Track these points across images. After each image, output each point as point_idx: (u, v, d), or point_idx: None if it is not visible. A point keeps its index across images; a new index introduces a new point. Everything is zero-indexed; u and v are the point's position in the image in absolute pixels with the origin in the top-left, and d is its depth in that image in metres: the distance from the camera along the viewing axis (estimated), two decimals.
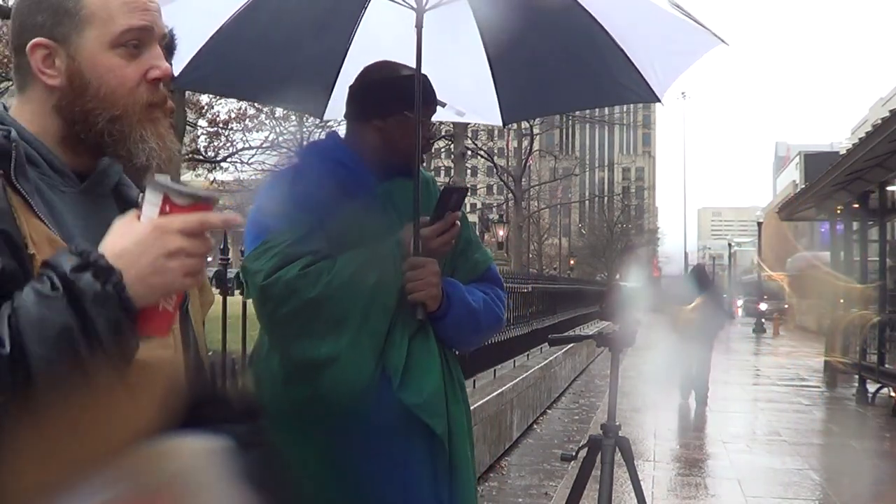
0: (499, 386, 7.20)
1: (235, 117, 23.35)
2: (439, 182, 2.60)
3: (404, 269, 2.08)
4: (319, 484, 2.00)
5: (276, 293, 2.01)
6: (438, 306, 2.11)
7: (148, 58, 1.21)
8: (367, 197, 2.15)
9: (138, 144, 1.20)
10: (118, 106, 1.19)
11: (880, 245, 11.79)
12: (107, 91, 1.19)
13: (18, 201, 1.09)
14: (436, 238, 2.12)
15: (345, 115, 2.30)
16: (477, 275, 2.29)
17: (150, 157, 1.20)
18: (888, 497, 6.39)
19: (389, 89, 2.20)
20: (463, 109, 2.92)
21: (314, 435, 2.00)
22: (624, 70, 2.65)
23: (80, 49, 1.18)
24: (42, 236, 1.08)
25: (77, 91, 1.18)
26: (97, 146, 1.21)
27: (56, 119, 1.20)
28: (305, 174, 2.21)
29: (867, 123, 26.07)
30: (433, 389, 2.07)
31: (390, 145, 2.19)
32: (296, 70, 2.69)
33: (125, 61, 1.20)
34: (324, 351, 2.01)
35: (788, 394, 12.16)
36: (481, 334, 2.31)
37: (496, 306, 2.26)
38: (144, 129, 1.20)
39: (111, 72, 1.19)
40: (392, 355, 2.05)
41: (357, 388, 2.01)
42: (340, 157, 2.21)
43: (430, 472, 2.09)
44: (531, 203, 43.01)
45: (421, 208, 2.15)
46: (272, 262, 2.02)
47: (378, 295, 2.05)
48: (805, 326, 26.80)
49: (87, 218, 1.18)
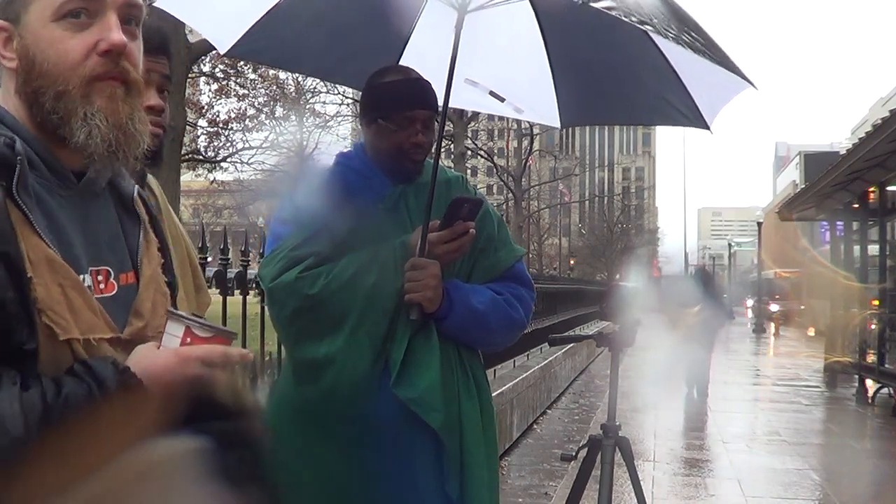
0: (499, 386, 7.19)
1: (235, 117, 23.40)
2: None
3: (405, 269, 2.09)
4: (330, 478, 2.06)
5: (278, 296, 2.09)
6: (439, 308, 2.12)
7: (97, 29, 1.13)
8: (375, 200, 2.18)
9: (79, 122, 1.11)
10: (60, 81, 1.11)
11: (880, 245, 11.78)
12: (49, 66, 1.11)
13: (18, 216, 1.06)
14: (441, 245, 2.12)
15: None
16: (497, 273, 2.28)
17: (91, 136, 1.11)
18: (888, 497, 6.38)
19: (368, 95, 2.24)
20: (521, 107, 2.95)
21: (324, 432, 2.07)
22: (678, 94, 2.69)
23: (27, 26, 1.12)
24: (41, 256, 1.07)
25: (26, 70, 1.12)
26: (53, 130, 1.13)
27: (22, 105, 1.14)
28: (315, 181, 2.26)
29: (867, 123, 26.07)
30: (429, 384, 2.08)
31: (376, 150, 2.23)
32: (356, 53, 2.72)
33: (69, 33, 1.12)
34: (322, 351, 2.06)
35: (788, 394, 12.15)
36: (494, 335, 2.28)
37: (510, 307, 2.24)
38: (89, 105, 1.12)
39: (52, 45, 1.11)
40: (393, 351, 2.09)
41: (355, 387, 2.05)
42: (354, 163, 2.25)
43: (435, 466, 2.10)
44: (531, 203, 43.00)
45: (436, 211, 2.16)
46: (278, 267, 2.10)
47: (376, 297, 2.08)
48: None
49: (85, 221, 1.16)
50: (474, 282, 2.24)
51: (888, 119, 9.00)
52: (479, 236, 2.19)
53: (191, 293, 1.86)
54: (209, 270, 3.12)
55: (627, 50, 2.69)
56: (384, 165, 2.21)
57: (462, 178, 2.41)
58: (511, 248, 2.36)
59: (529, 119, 3.27)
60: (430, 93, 2.23)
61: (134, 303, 1.19)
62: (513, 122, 38.54)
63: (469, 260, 2.24)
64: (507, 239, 2.37)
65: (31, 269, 1.05)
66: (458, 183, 2.35)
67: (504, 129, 51.87)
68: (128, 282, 1.20)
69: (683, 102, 2.71)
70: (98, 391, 1.05)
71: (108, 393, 1.05)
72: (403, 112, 2.17)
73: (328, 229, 2.09)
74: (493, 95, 2.79)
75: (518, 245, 2.43)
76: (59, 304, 1.07)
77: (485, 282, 2.25)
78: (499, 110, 2.93)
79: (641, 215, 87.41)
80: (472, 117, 25.15)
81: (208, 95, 23.70)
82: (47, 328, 1.05)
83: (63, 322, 1.07)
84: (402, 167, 2.20)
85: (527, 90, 2.89)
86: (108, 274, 1.17)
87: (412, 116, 2.17)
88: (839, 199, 13.18)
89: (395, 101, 2.18)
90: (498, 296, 2.23)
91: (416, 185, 2.23)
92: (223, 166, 24.56)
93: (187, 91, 16.22)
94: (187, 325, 1.16)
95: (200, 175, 27.74)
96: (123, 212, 1.25)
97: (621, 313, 3.54)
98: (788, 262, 33.60)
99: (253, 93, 22.73)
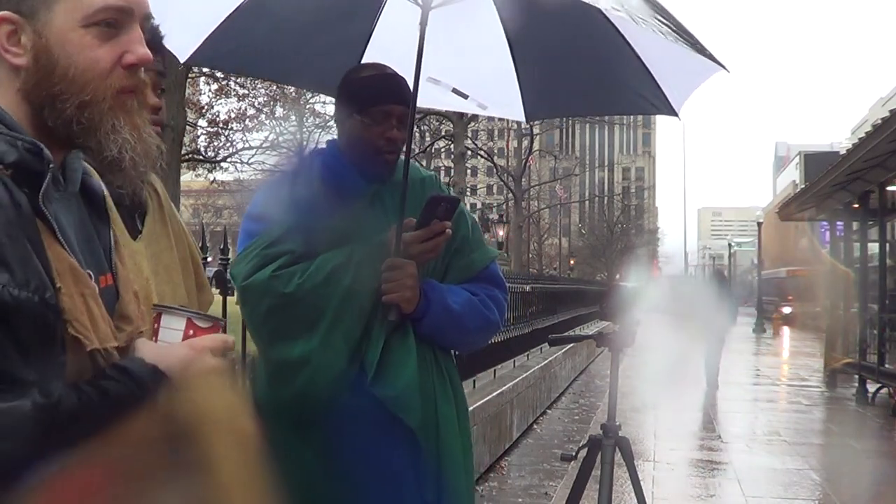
0: (499, 386, 7.20)
1: (235, 117, 23.39)
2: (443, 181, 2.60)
3: (382, 269, 2.08)
4: (307, 480, 2.01)
5: (252, 295, 2.06)
6: (416, 308, 2.10)
7: (125, 41, 1.10)
8: (351, 199, 2.16)
9: (109, 135, 1.09)
10: (87, 90, 1.08)
11: (880, 245, 11.78)
12: (76, 73, 1.07)
13: (42, 226, 1.04)
14: (417, 244, 2.10)
15: None
16: (472, 274, 2.27)
17: (123, 149, 1.09)
18: (888, 497, 6.39)
19: (344, 91, 2.23)
20: (485, 103, 2.94)
21: (300, 433, 2.03)
22: (644, 82, 2.68)
23: (49, 25, 1.07)
24: (65, 265, 1.05)
25: (44, 72, 1.07)
26: (67, 137, 1.10)
27: (23, 105, 1.09)
28: (288, 178, 2.24)
29: (867, 123, 26.05)
30: (406, 384, 2.07)
31: (350, 146, 2.21)
32: (317, 54, 2.72)
33: (98, 41, 1.08)
34: (297, 352, 2.03)
35: (788, 394, 12.16)
36: (470, 335, 2.28)
37: (486, 308, 2.23)
38: (117, 119, 1.09)
39: (82, 52, 1.07)
40: (368, 351, 2.07)
41: (330, 388, 2.02)
42: (329, 161, 2.23)
43: (412, 466, 2.09)
44: (531, 203, 43.01)
45: (411, 209, 2.14)
46: (250, 265, 2.07)
47: (351, 297, 2.05)
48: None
49: (75, 223, 1.14)
50: (448, 282, 2.22)
51: (888, 119, 9.00)
52: (453, 236, 2.17)
53: (192, 291, 1.86)
54: (209, 270, 3.13)
55: (591, 41, 2.67)
56: (358, 161, 2.19)
57: (435, 177, 2.39)
58: (485, 249, 2.36)
59: (494, 114, 3.28)
60: (406, 89, 2.23)
61: (118, 307, 1.16)
62: (513, 123, 38.55)
63: (443, 260, 2.22)
64: (480, 240, 2.36)
65: (58, 279, 1.02)
66: (433, 182, 2.34)
67: (504, 129, 51.91)
68: (106, 284, 1.16)
69: (650, 91, 2.69)
70: (139, 392, 1.04)
71: (148, 393, 1.04)
72: (379, 107, 2.16)
73: (301, 227, 2.08)
74: (456, 93, 2.78)
75: (491, 247, 2.43)
76: (83, 313, 1.04)
77: (459, 282, 2.24)
78: (462, 107, 2.92)
79: (641, 215, 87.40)
80: (473, 117, 25.16)
81: (208, 95, 23.73)
82: (74, 339, 1.03)
83: (87, 332, 1.04)
84: (377, 163, 2.18)
85: (491, 85, 2.88)
86: (90, 277, 1.12)
87: (388, 111, 2.16)
88: (839, 199, 13.18)
89: (371, 96, 2.17)
90: (473, 296, 2.22)
91: (392, 184, 2.21)
92: (223, 166, 24.57)
93: (187, 91, 16.24)
94: (189, 318, 1.16)
95: (200, 175, 27.75)
96: (94, 212, 1.22)
97: (621, 313, 3.54)
98: (791, 260, 32.90)
99: (253, 93, 22.72)
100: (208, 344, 1.14)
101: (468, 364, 6.78)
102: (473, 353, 6.89)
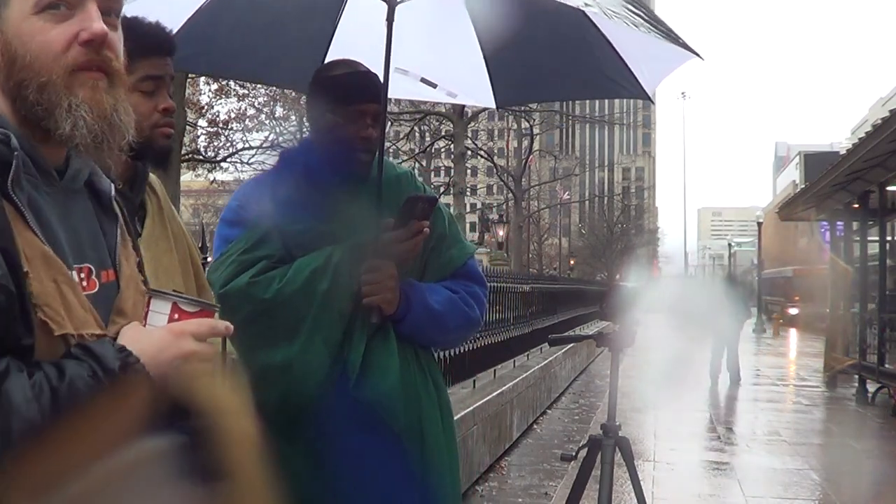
0: (499, 386, 7.20)
1: (235, 117, 23.40)
2: (438, 182, 2.60)
3: (362, 271, 2.06)
4: (292, 483, 2.00)
5: (230, 301, 2.00)
6: (396, 309, 2.09)
7: (79, 19, 1.13)
8: (327, 199, 2.12)
9: (64, 113, 1.12)
10: (43, 72, 1.12)
11: (880, 245, 11.78)
12: (31, 58, 1.12)
13: (12, 212, 1.07)
14: (398, 245, 2.08)
15: None
16: (450, 271, 2.25)
17: (76, 126, 1.12)
18: (888, 497, 6.38)
19: (317, 89, 2.19)
20: (455, 91, 2.93)
21: (284, 436, 1.99)
22: (614, 66, 2.66)
23: (7, 20, 1.13)
24: (36, 251, 1.07)
25: (9, 65, 1.13)
26: (36, 122, 1.14)
27: (4, 100, 1.15)
28: (263, 181, 2.22)
29: (867, 123, 26.04)
30: (389, 386, 2.05)
31: (324, 145, 2.17)
32: (283, 51, 2.70)
33: (51, 25, 1.12)
34: (278, 357, 2.01)
35: (788, 394, 12.16)
36: (451, 334, 2.27)
37: (466, 305, 2.21)
38: (74, 96, 1.12)
39: (34, 37, 1.12)
40: (350, 354, 2.05)
41: (312, 392, 2.01)
42: (301, 159, 2.20)
43: (398, 467, 2.07)
44: (531, 203, 43.01)
45: (388, 207, 2.11)
46: (227, 272, 2.05)
47: (330, 301, 2.03)
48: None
49: (67, 218, 1.17)
50: (427, 281, 2.20)
51: (888, 119, 9.00)
52: (430, 234, 2.15)
53: (193, 292, 1.85)
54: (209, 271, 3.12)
55: (559, 26, 2.66)
56: (333, 161, 2.16)
57: (411, 173, 2.36)
58: (463, 245, 2.33)
59: (463, 102, 3.28)
60: (379, 86, 2.19)
61: (116, 301, 1.19)
62: (513, 122, 38.55)
63: (421, 259, 2.20)
64: (458, 236, 2.34)
65: (26, 264, 1.05)
66: (409, 179, 2.31)
67: (504, 130, 51.90)
68: (108, 279, 1.20)
69: (621, 74, 2.67)
70: (101, 371, 1.05)
71: (110, 373, 1.05)
72: (354, 105, 2.13)
73: (278, 231, 2.05)
74: (425, 82, 2.77)
75: (469, 242, 2.41)
76: (54, 299, 1.07)
77: (437, 280, 2.22)
78: (431, 96, 2.92)
79: (641, 215, 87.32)
80: (472, 117, 25.16)
81: (208, 95, 23.73)
82: (43, 323, 1.06)
83: (58, 317, 1.07)
84: (352, 162, 2.15)
85: (460, 74, 2.87)
86: (90, 271, 1.17)
87: (363, 110, 2.13)
88: (839, 199, 13.18)
89: (345, 95, 2.13)
90: (454, 294, 2.20)
91: (367, 183, 2.18)
92: (223, 166, 24.56)
93: (187, 91, 16.24)
94: (174, 302, 1.16)
95: (200, 175, 27.75)
96: (101, 210, 1.26)
97: (621, 313, 3.54)
98: (791, 259, 33.00)
99: (253, 93, 22.72)
100: (190, 329, 1.14)
101: (469, 364, 6.78)
102: (473, 353, 6.90)
